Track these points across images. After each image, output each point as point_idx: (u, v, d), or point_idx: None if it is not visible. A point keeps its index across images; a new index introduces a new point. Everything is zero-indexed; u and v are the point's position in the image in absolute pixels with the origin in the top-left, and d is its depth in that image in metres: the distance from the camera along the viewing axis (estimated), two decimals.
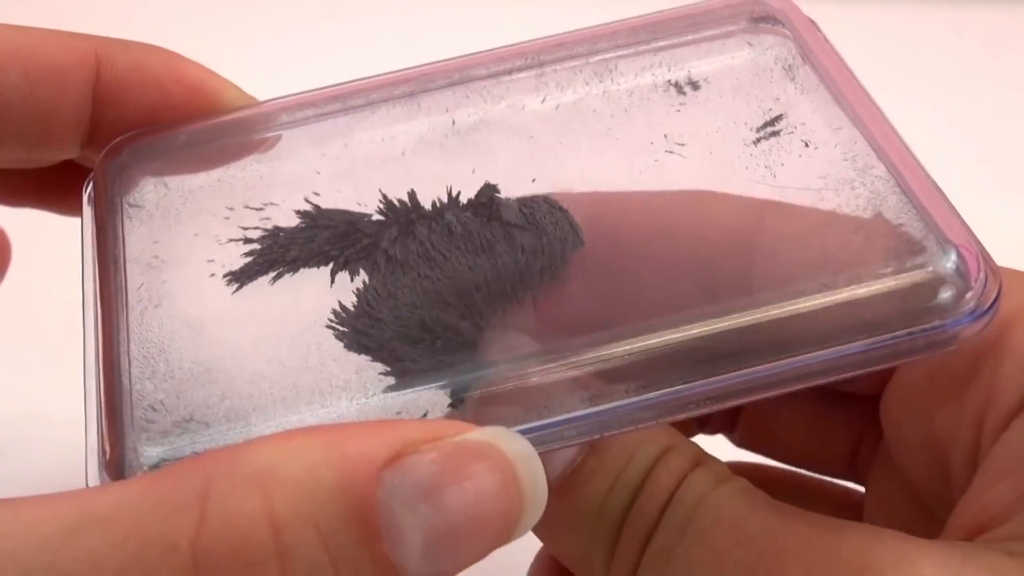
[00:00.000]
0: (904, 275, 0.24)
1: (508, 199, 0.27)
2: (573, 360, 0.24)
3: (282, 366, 0.24)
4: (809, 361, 0.23)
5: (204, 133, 0.29)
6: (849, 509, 0.32)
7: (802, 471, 0.33)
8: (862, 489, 0.32)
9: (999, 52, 0.53)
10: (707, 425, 0.34)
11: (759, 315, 0.24)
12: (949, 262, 0.24)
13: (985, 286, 0.23)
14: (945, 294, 0.23)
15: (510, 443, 0.21)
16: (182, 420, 0.24)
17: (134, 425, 0.23)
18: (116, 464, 0.23)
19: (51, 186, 0.31)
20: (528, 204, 0.27)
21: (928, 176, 0.25)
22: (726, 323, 0.24)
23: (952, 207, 0.25)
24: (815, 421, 0.32)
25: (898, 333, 0.23)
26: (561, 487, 0.26)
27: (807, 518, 0.25)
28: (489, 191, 0.27)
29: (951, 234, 0.24)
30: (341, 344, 0.25)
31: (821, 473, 0.33)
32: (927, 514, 0.28)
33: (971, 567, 0.23)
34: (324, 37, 0.55)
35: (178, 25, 0.53)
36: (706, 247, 0.26)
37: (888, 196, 0.25)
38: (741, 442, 0.34)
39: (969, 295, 0.23)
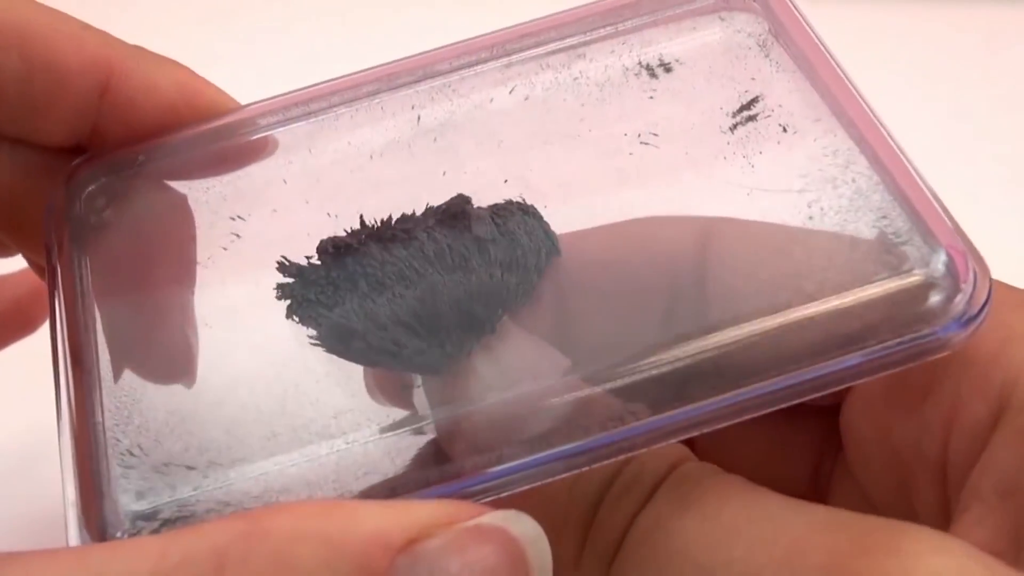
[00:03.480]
0: (891, 280, 0.23)
1: (480, 209, 0.26)
2: (559, 388, 0.23)
3: (258, 412, 0.23)
4: (798, 379, 0.23)
5: (167, 150, 0.28)
6: None
7: None
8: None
9: (998, 51, 0.52)
10: None
11: (737, 332, 0.23)
12: (938, 265, 0.23)
13: (975, 288, 0.23)
14: (935, 299, 0.23)
15: (519, 525, 0.21)
16: (159, 466, 0.23)
17: (111, 473, 0.23)
18: (97, 525, 0.22)
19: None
20: (501, 213, 0.26)
21: (914, 169, 0.24)
22: (704, 342, 0.23)
23: (939, 203, 0.24)
24: (774, 438, 0.31)
25: (887, 343, 0.23)
26: None
27: (822, 507, 0.23)
28: (461, 203, 0.26)
29: (939, 235, 0.23)
30: (317, 387, 0.24)
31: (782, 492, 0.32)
32: None
33: None
34: (293, 42, 0.54)
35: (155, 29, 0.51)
36: (659, 278, 0.26)
37: (871, 194, 0.24)
38: None
39: (959, 298, 0.23)
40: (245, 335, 0.26)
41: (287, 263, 0.26)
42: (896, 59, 0.49)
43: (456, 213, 0.26)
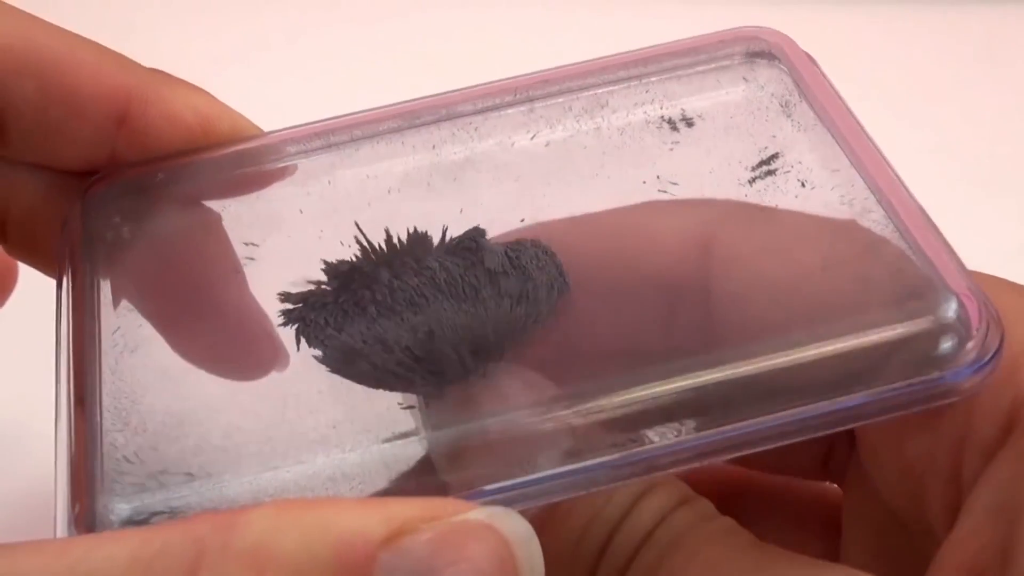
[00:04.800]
0: (903, 324, 0.23)
1: (494, 244, 0.26)
2: (557, 414, 0.23)
3: (257, 419, 0.23)
4: (806, 414, 0.22)
5: (186, 171, 0.29)
6: (823, 508, 0.31)
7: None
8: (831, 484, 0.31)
9: (997, 53, 0.52)
10: None
11: (754, 365, 0.23)
12: (950, 311, 0.23)
13: (987, 336, 0.23)
14: (946, 344, 0.23)
15: (508, 523, 0.20)
16: (155, 474, 0.23)
17: (105, 478, 0.23)
18: (86, 520, 0.22)
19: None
20: (515, 248, 0.26)
21: (928, 220, 0.25)
22: (718, 374, 0.23)
23: (953, 252, 0.24)
24: None
25: (897, 385, 0.23)
26: (536, 523, 0.25)
27: (791, 561, 0.24)
28: (474, 235, 0.26)
29: (951, 282, 0.23)
30: (318, 397, 0.24)
31: (794, 475, 0.31)
32: (902, 526, 0.27)
33: None
34: (317, 75, 0.55)
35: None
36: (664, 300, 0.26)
37: (887, 242, 0.25)
38: None
39: (970, 345, 0.23)
40: None
41: (290, 294, 0.26)
42: (896, 60, 0.49)
43: (469, 245, 0.26)
